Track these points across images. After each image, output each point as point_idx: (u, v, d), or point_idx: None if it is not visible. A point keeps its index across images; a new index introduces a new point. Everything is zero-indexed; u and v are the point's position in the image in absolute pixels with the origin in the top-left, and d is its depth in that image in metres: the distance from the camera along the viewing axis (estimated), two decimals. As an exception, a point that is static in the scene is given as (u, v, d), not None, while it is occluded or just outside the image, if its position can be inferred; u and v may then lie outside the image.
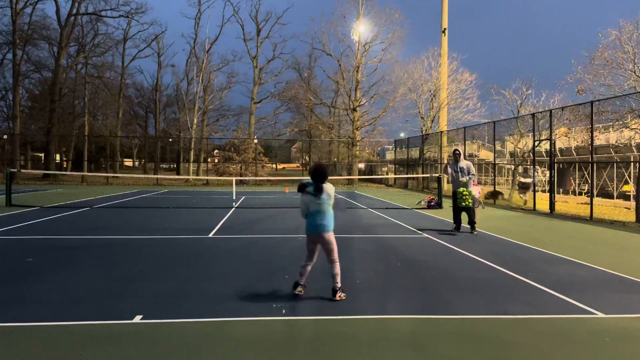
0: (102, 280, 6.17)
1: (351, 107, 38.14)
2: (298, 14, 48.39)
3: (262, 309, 5.04)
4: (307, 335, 4.34)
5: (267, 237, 9.95)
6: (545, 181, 25.71)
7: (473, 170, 10.99)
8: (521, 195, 20.00)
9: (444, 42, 29.54)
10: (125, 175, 36.87)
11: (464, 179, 10.82)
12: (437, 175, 19.05)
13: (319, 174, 5.42)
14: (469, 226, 10.94)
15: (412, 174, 32.52)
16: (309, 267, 5.59)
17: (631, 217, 13.77)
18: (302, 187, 5.42)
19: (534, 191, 18.24)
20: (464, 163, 11.02)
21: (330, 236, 5.49)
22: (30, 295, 5.48)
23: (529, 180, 20.74)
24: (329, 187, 5.44)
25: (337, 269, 5.50)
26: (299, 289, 5.54)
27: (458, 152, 11.14)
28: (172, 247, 8.75)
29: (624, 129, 19.07)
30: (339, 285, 5.44)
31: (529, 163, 21.92)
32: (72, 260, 7.45)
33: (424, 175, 28.44)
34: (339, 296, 5.41)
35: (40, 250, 8.16)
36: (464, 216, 11.10)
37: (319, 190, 5.38)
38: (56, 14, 39.05)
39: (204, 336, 4.26)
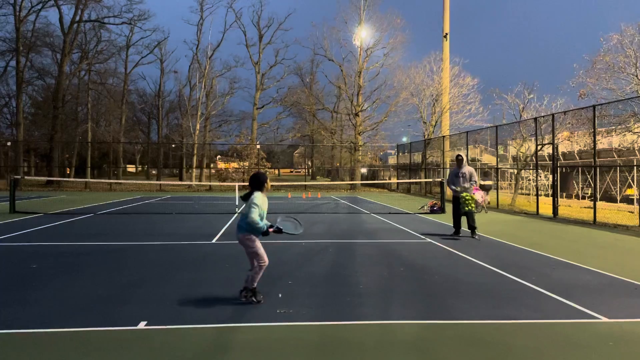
0: (106, 286, 6.19)
1: (353, 112, 38.19)
2: (300, 19, 48.71)
3: (266, 314, 5.05)
4: (311, 340, 4.35)
5: (270, 243, 9.94)
6: (548, 185, 25.67)
7: (475, 177, 10.95)
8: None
9: (445, 46, 29.60)
10: (128, 181, 36.95)
11: (466, 185, 10.80)
12: (440, 179, 19.04)
13: (249, 181, 5.50)
14: (469, 231, 10.93)
15: (415, 178, 32.50)
16: (248, 273, 5.53)
17: (634, 220, 13.73)
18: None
19: (537, 195, 18.22)
20: (466, 169, 10.98)
21: (243, 238, 5.41)
22: (35, 301, 5.50)
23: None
24: (252, 197, 5.32)
25: (251, 273, 5.40)
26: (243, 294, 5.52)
27: (460, 157, 11.11)
28: (175, 252, 8.77)
29: (626, 132, 19.08)
30: (248, 285, 5.40)
31: (531, 167, 21.92)
32: (76, 266, 7.48)
33: (427, 180, 28.43)
34: (242, 296, 5.42)
35: (44, 257, 8.19)
36: (464, 221, 11.07)
37: (245, 198, 5.44)
38: (59, 22, 39.35)
39: (209, 342, 4.27)
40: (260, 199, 5.32)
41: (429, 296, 5.88)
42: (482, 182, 21.88)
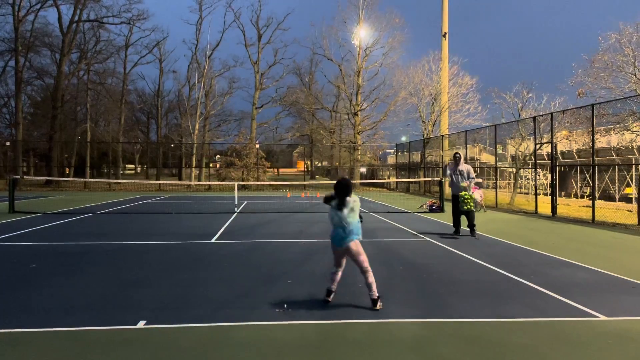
0: (105, 286, 6.20)
1: (352, 111, 38.22)
2: (299, 19, 48.69)
3: (265, 313, 5.07)
4: (310, 339, 4.36)
5: (269, 242, 9.98)
6: (547, 184, 25.70)
7: (473, 174, 10.95)
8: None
9: (444, 46, 29.63)
10: (127, 181, 36.95)
11: (465, 184, 10.80)
12: (439, 179, 19.06)
13: (341, 189, 5.32)
14: (468, 229, 10.94)
15: (414, 177, 32.53)
16: (338, 274, 5.53)
17: (633, 219, 13.76)
18: (327, 200, 5.41)
19: (536, 194, 18.24)
20: (463, 167, 10.98)
21: (355, 246, 5.31)
22: (34, 301, 5.51)
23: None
24: (352, 201, 5.28)
25: (370, 278, 5.32)
26: (331, 297, 5.49)
27: (458, 156, 11.10)
28: (175, 252, 8.78)
29: (625, 131, 19.10)
30: (375, 294, 5.27)
31: (530, 166, 21.94)
32: (76, 266, 7.49)
33: (426, 179, 28.45)
34: (379, 306, 5.24)
35: (44, 257, 8.20)
36: (464, 220, 11.10)
37: (342, 205, 5.28)
38: (58, 21, 39.30)
39: (208, 341, 4.29)
40: (357, 203, 5.33)
41: (428, 295, 5.89)
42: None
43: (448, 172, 11.22)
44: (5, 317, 4.92)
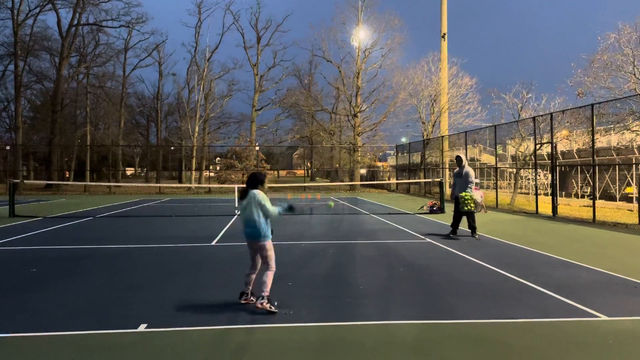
0: (106, 290, 6.19)
1: (352, 113, 38.23)
2: (298, 21, 48.82)
3: (266, 316, 5.05)
4: (312, 341, 4.35)
5: (269, 244, 9.95)
6: (547, 184, 25.68)
7: (471, 177, 10.83)
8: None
9: (443, 47, 29.62)
10: (127, 184, 36.92)
11: (467, 189, 10.70)
12: (439, 180, 19.04)
13: (248, 180, 5.41)
14: (469, 231, 10.91)
15: (414, 179, 32.51)
16: (252, 276, 5.50)
17: (634, 219, 13.74)
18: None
19: (536, 194, 18.23)
20: (465, 169, 10.90)
21: (264, 244, 5.33)
22: (35, 305, 5.50)
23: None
24: (255, 195, 5.23)
25: (267, 277, 5.26)
26: (244, 298, 5.46)
27: (460, 158, 11.06)
28: (175, 255, 8.77)
29: (625, 131, 19.11)
30: (264, 293, 5.14)
31: (530, 166, 21.93)
32: (76, 270, 7.48)
33: (426, 180, 28.43)
34: (260, 304, 5.10)
35: (44, 261, 8.19)
36: (464, 221, 11.05)
37: (243, 197, 5.33)
38: (57, 25, 39.32)
39: (209, 344, 4.28)
40: (263, 195, 5.28)
41: (429, 296, 5.88)
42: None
43: (455, 180, 11.14)
44: (6, 321, 4.90)
